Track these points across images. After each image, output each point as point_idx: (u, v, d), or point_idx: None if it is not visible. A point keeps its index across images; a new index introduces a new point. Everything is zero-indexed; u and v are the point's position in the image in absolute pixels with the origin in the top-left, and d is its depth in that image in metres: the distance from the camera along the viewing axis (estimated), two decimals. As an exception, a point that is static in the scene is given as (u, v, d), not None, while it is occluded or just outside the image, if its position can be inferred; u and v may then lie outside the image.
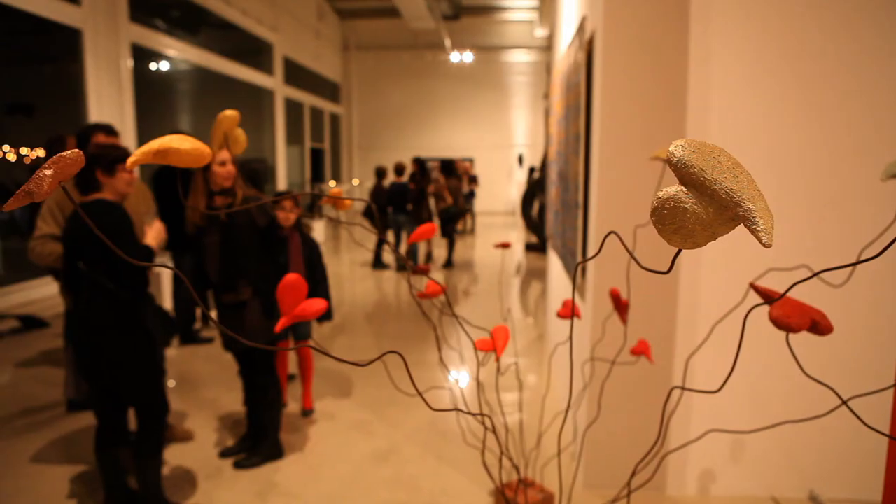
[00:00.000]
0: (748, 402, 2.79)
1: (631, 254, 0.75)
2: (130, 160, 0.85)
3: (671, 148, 0.54)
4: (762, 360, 2.68)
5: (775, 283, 1.26)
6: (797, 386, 2.54)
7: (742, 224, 0.51)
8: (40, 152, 8.30)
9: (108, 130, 3.26)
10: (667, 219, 0.54)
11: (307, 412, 3.84)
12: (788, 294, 0.88)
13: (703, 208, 0.52)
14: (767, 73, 2.64)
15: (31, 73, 8.63)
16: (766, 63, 2.64)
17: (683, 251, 2.46)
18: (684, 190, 0.53)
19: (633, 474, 1.14)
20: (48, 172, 0.62)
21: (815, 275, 0.78)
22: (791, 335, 0.94)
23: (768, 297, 0.96)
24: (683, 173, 0.53)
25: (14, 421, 3.71)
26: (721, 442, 2.86)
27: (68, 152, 0.65)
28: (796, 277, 1.56)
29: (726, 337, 1.93)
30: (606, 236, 0.85)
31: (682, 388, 1.08)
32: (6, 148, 8.14)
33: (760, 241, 0.48)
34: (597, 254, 0.86)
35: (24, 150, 8.27)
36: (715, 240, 0.54)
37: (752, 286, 1.03)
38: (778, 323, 0.92)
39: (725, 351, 2.52)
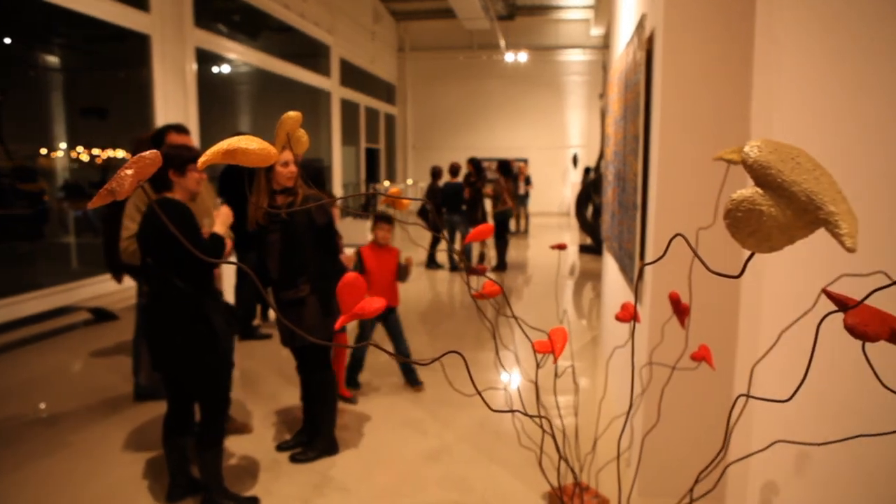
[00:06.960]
0: (815, 413, 2.66)
1: (699, 257, 0.73)
2: (201, 161, 0.87)
3: (746, 149, 0.52)
4: (831, 368, 2.56)
5: (847, 290, 1.20)
6: (872, 398, 2.42)
7: (823, 228, 0.49)
8: (114, 153, 8.69)
9: (180, 129, 3.42)
10: (741, 222, 0.52)
11: (346, 400, 3.99)
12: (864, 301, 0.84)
13: (780, 211, 0.50)
14: (841, 69, 2.53)
15: (105, 78, 9.05)
16: (840, 59, 2.53)
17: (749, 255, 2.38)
18: (760, 192, 0.51)
19: (696, 482, 1.11)
20: (129, 172, 0.65)
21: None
22: (867, 344, 0.90)
23: (843, 305, 0.92)
24: (759, 175, 0.51)
25: (87, 408, 3.89)
26: (786, 454, 2.75)
27: (147, 153, 0.68)
28: (870, 283, 1.49)
29: (790, 344, 1.86)
30: (672, 239, 0.83)
31: (749, 396, 1.05)
32: (79, 149, 8.56)
33: (844, 245, 0.46)
34: (661, 257, 0.84)
35: (95, 151, 8.67)
36: (793, 244, 0.52)
37: (825, 292, 0.98)
38: (854, 331, 0.88)
39: (789, 358, 2.43)
